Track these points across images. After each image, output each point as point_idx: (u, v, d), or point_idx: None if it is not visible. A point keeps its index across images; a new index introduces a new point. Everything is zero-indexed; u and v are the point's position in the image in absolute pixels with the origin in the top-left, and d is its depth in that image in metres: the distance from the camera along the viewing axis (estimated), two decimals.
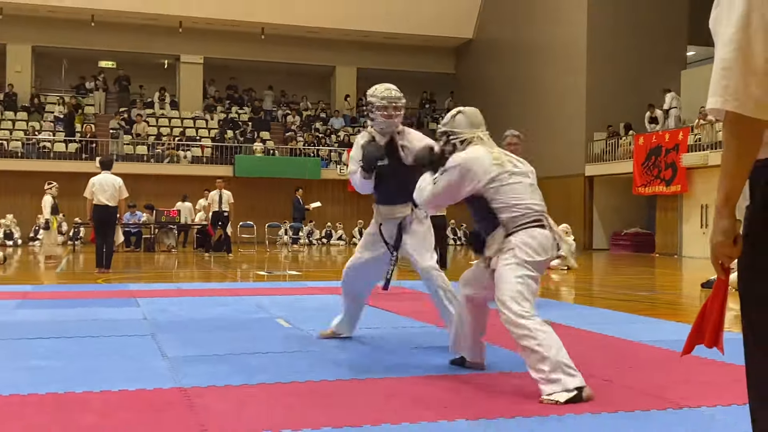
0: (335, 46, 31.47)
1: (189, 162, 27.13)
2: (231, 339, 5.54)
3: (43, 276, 12.36)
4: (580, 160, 25.09)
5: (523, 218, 4.10)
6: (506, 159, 4.28)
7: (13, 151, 25.93)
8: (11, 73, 29.25)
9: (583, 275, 13.60)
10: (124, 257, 17.37)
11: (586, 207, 25.05)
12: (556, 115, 26.15)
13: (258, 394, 3.85)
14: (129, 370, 4.42)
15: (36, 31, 28.65)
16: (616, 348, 5.37)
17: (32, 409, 3.50)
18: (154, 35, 29.47)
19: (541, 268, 4.13)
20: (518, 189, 4.16)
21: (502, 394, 3.92)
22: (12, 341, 5.41)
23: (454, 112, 4.46)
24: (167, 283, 10.94)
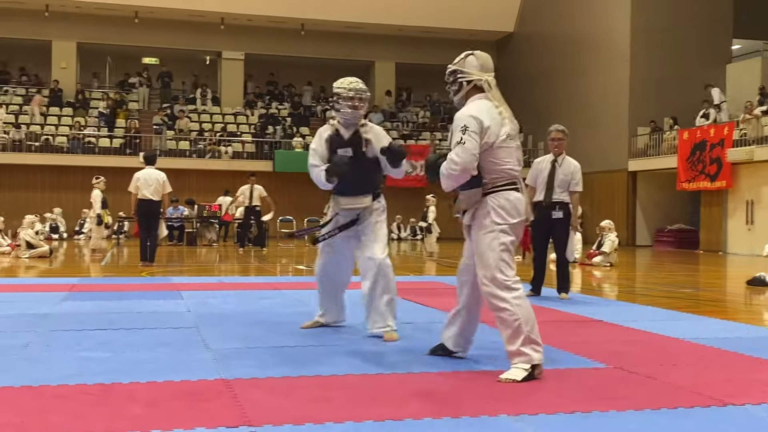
0: (374, 41, 31.49)
1: (230, 157, 27.38)
2: (272, 332, 5.60)
3: (89, 269, 12.58)
4: (623, 155, 24.83)
5: (501, 180, 4.19)
6: (507, 116, 4.29)
7: (58, 147, 26.39)
8: (57, 70, 29.76)
9: (625, 272, 13.47)
10: (167, 251, 17.60)
11: (629, 203, 24.80)
12: (598, 109, 25.89)
13: (299, 386, 3.89)
14: (174, 361, 4.49)
15: (81, 28, 29.10)
16: (659, 345, 5.32)
17: (80, 400, 3.57)
18: (196, 32, 29.77)
19: (517, 230, 4.21)
20: (508, 153, 4.22)
21: (539, 389, 3.91)
22: (60, 332, 5.52)
23: (466, 53, 4.46)
24: (209, 276, 11.07)
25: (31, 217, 15.73)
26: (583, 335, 5.70)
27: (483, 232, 4.18)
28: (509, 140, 4.24)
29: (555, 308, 7.27)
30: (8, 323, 5.91)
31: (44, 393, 3.69)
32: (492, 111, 4.24)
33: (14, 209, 23.77)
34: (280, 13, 29.33)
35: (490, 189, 4.19)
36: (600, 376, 4.26)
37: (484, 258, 4.16)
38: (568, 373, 4.31)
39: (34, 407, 3.43)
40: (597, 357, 4.74)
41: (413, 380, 4.07)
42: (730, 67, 24.43)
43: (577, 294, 9.15)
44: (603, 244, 14.47)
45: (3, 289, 8.64)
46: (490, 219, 4.16)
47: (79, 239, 23.57)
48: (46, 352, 4.76)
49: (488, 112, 4.22)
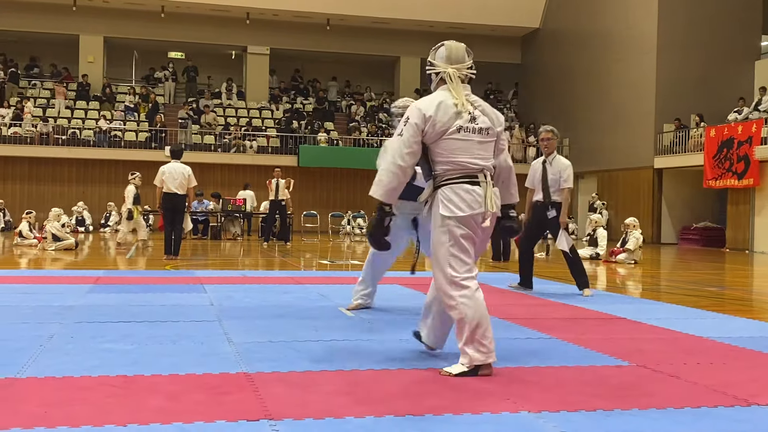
0: (400, 36, 31.45)
1: (255, 152, 27.48)
2: (295, 326, 5.61)
3: (114, 262, 12.69)
4: (649, 152, 24.62)
5: (453, 173, 4.12)
6: (467, 109, 4.17)
7: (85, 140, 26.62)
8: (84, 64, 30.02)
9: (650, 269, 13.37)
10: (191, 244, 17.70)
11: (654, 200, 24.60)
12: (624, 106, 25.70)
13: (321, 380, 3.89)
14: (196, 354, 4.51)
15: (108, 22, 29.34)
16: (683, 343, 5.28)
17: (102, 391, 3.60)
18: (222, 27, 29.91)
19: (470, 222, 4.10)
20: (459, 145, 4.12)
21: (561, 386, 3.88)
22: (84, 324, 5.57)
23: (439, 44, 4.45)
24: (233, 270, 11.12)
25: (57, 209, 15.90)
26: (606, 332, 5.66)
27: (434, 227, 4.16)
28: (464, 132, 4.13)
29: (578, 305, 7.23)
30: (34, 314, 5.98)
31: (68, 384, 3.72)
32: (445, 102, 4.17)
33: (41, 202, 24.09)
34: (305, 7, 29.38)
35: (440, 182, 4.15)
36: (623, 373, 4.22)
37: (435, 253, 4.16)
38: (590, 370, 4.28)
39: (57, 398, 3.46)
40: (620, 354, 4.71)
41: (434, 376, 4.05)
42: (759, 63, 24.13)
43: (601, 291, 9.10)
44: (627, 242, 14.38)
45: (29, 281, 8.73)
46: (439, 212, 4.12)
47: (104, 232, 23.79)
48: (70, 344, 4.80)
49: (438, 103, 4.16)
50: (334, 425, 3.13)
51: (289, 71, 32.67)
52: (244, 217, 22.11)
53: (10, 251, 14.57)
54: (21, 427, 3.00)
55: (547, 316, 6.50)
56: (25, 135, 26.02)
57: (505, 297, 7.98)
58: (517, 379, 4.03)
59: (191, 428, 3.04)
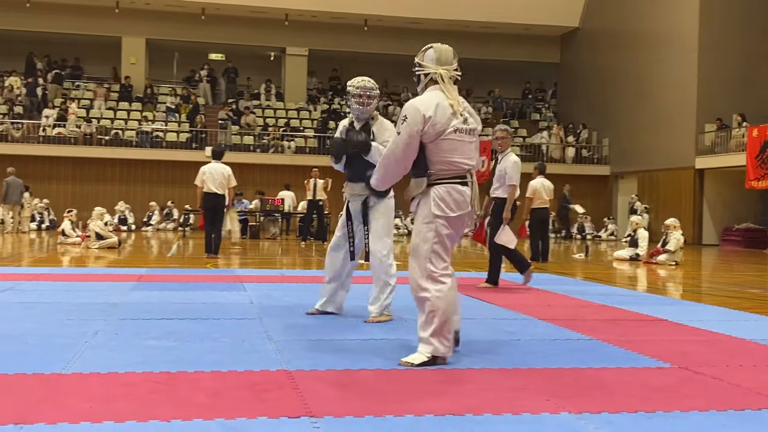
0: (437, 36, 31.08)
1: (293, 152, 27.63)
2: (333, 325, 5.64)
3: (156, 260, 12.84)
4: (690, 153, 24.29)
5: (447, 172, 4.29)
6: (460, 110, 4.34)
7: (127, 141, 26.98)
8: (126, 65, 30.42)
9: (691, 271, 13.19)
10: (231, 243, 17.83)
11: (695, 201, 24.26)
12: (665, 105, 25.38)
13: (360, 379, 3.91)
14: (237, 352, 4.55)
15: (150, 24, 29.70)
16: (725, 345, 5.20)
17: (146, 387, 3.65)
18: (261, 28, 30.11)
19: (456, 223, 4.32)
20: (455, 146, 4.29)
21: (602, 387, 3.85)
22: (128, 321, 5.64)
23: (427, 46, 4.59)
24: (272, 269, 11.19)
25: (100, 208, 16.13)
26: (647, 334, 5.60)
27: (421, 222, 4.32)
28: (459, 134, 4.30)
29: (619, 307, 7.17)
30: (79, 312, 6.08)
31: (112, 380, 3.78)
32: (441, 103, 4.30)
33: (84, 201, 24.46)
34: (343, 8, 29.46)
35: (434, 180, 4.30)
36: (664, 375, 4.18)
37: (417, 247, 4.31)
38: (631, 372, 4.24)
39: (102, 393, 3.51)
40: (661, 356, 4.65)
41: (473, 376, 4.05)
42: None
43: (641, 292, 9.00)
44: (668, 243, 14.20)
45: (74, 279, 8.87)
46: (430, 210, 4.28)
47: (146, 231, 24.09)
48: (114, 341, 4.87)
49: (436, 103, 4.29)
50: (374, 423, 3.14)
51: (327, 72, 32.79)
52: (283, 217, 22.24)
53: (54, 249, 14.82)
54: (68, 421, 3.06)
55: (588, 317, 6.45)
56: (69, 135, 26.44)
57: (542, 297, 7.93)
58: (558, 380, 4.00)
59: (233, 424, 3.07)
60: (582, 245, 19.24)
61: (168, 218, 25.45)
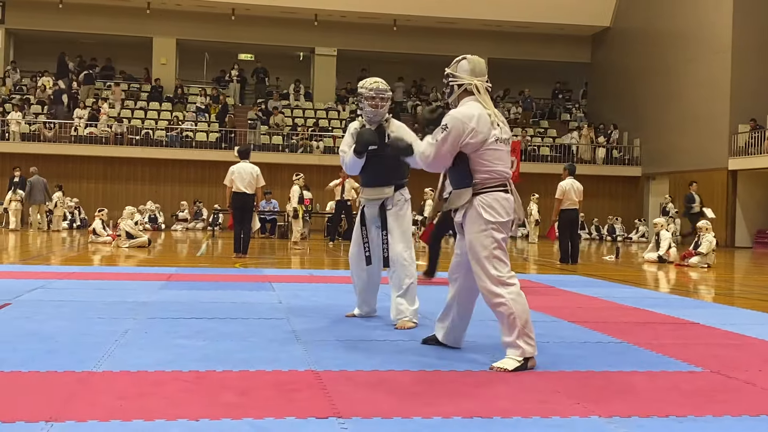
0: (467, 36, 31.27)
1: (321, 152, 27.71)
2: (361, 325, 5.64)
3: (185, 259, 12.93)
4: (723, 154, 24.02)
5: (492, 181, 4.36)
6: (498, 120, 4.43)
7: (157, 140, 27.23)
8: (157, 65, 30.71)
9: (723, 273, 13.04)
10: (259, 243, 17.93)
11: (728, 202, 23.99)
12: (698, 106, 25.11)
13: (388, 380, 3.90)
14: (266, 351, 4.57)
15: (180, 24, 29.97)
16: (758, 349, 5.13)
17: (175, 386, 3.67)
18: (290, 28, 30.23)
19: (506, 228, 4.39)
20: (498, 155, 4.38)
21: (632, 391, 3.82)
22: (157, 320, 5.69)
23: (460, 57, 4.61)
24: (300, 269, 11.22)
25: (130, 208, 16.27)
26: (679, 338, 5.54)
27: (475, 231, 4.34)
28: (499, 143, 4.39)
29: (650, 309, 7.10)
30: (109, 310, 6.13)
31: (142, 378, 3.81)
32: (482, 114, 4.37)
33: (115, 200, 24.72)
34: (372, 8, 29.50)
35: (480, 189, 4.36)
36: (696, 379, 4.13)
37: (478, 255, 4.32)
38: (662, 375, 4.19)
39: (132, 391, 3.54)
40: (693, 360, 4.60)
41: (502, 379, 4.03)
42: None
43: (672, 295, 8.91)
44: (700, 245, 14.04)
45: (104, 278, 8.96)
46: (482, 218, 4.32)
47: (176, 230, 24.28)
48: (143, 339, 4.91)
49: (478, 114, 4.36)
50: (402, 425, 3.13)
51: (355, 72, 32.78)
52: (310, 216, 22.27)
53: (85, 248, 14.98)
54: (98, 419, 3.09)
55: (618, 319, 6.39)
56: (100, 135, 26.73)
57: (572, 300, 7.88)
58: (588, 383, 3.97)
59: (261, 424, 3.08)
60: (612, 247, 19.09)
61: (197, 218, 25.67)
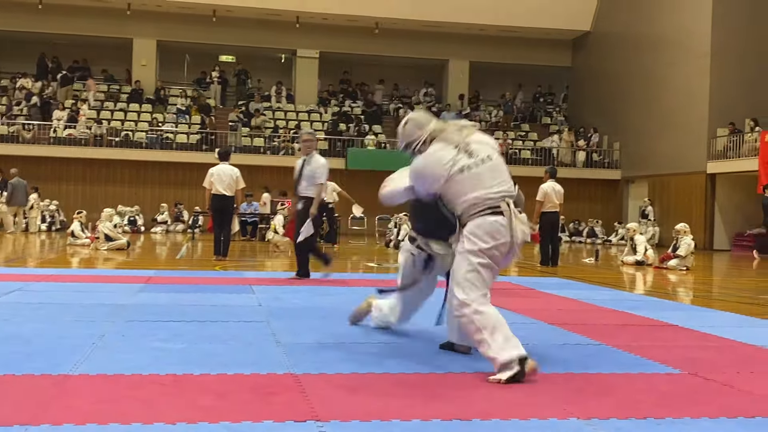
0: (448, 39, 31.39)
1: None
2: (342, 328, 5.63)
3: (164, 262, 12.86)
4: (702, 157, 24.21)
5: (473, 209, 4.27)
6: (464, 149, 4.36)
7: (137, 142, 27.08)
8: (137, 67, 30.54)
9: (702, 276, 13.13)
10: (239, 246, 17.87)
11: (707, 205, 24.17)
12: (677, 109, 25.30)
13: (367, 383, 3.89)
14: (244, 354, 4.55)
15: (160, 26, 29.84)
16: (736, 352, 5.17)
17: (152, 389, 3.65)
18: (272, 30, 30.18)
19: (493, 254, 4.25)
20: (468, 183, 4.29)
21: (610, 393, 3.83)
22: (135, 323, 5.65)
23: (402, 124, 4.77)
24: (280, 271, 11.19)
25: (109, 210, 16.17)
26: (657, 340, 5.57)
27: (458, 251, 4.33)
28: (465, 171, 4.30)
29: (629, 312, 7.13)
30: (86, 313, 6.08)
31: (119, 381, 3.78)
32: (438, 154, 4.37)
33: (95, 203, 24.53)
34: (354, 11, 29.50)
35: (465, 220, 4.30)
36: (674, 382, 4.15)
37: (454, 275, 4.32)
38: (640, 378, 4.21)
39: (108, 395, 3.51)
40: (671, 362, 4.63)
41: (482, 381, 4.03)
42: None
43: (651, 297, 8.96)
44: (678, 248, 14.14)
45: (82, 280, 8.90)
46: (463, 244, 4.28)
47: (156, 233, 24.15)
48: (121, 342, 4.87)
49: (437, 159, 4.36)
50: (381, 428, 3.13)
51: (337, 74, 32.83)
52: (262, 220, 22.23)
53: (64, 251, 14.87)
54: (74, 423, 3.06)
55: (597, 321, 6.42)
56: (79, 137, 26.55)
57: (552, 302, 7.90)
58: (567, 384, 3.98)
59: (239, 428, 3.06)
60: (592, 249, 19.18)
61: (177, 220, 25.55)
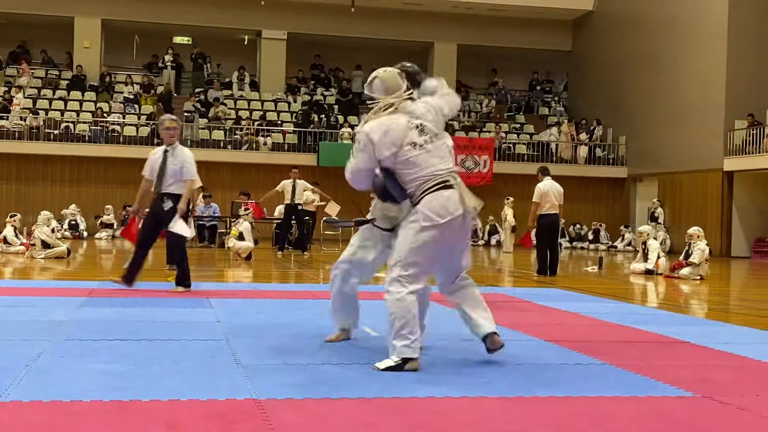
0: (434, 19, 31.45)
1: (269, 149, 27.61)
2: (312, 347, 5.62)
3: (110, 272, 12.78)
4: (718, 153, 24.40)
5: (426, 185, 4.86)
6: (415, 126, 4.94)
7: (79, 135, 26.84)
8: (79, 50, 30.31)
9: (718, 286, 13.24)
10: (197, 253, 17.79)
11: (723, 207, 24.36)
12: (689, 100, 25.49)
13: (340, 409, 3.89)
14: (200, 377, 4.53)
15: (106, 2, 29.62)
16: (755, 372, 5.22)
17: (93, 418, 3.62)
18: (233, 8, 30.08)
19: (445, 229, 4.83)
20: (421, 159, 4.89)
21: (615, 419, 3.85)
22: (76, 342, 5.61)
23: (373, 75, 5.25)
24: (243, 282, 11.16)
25: (46, 213, 16.03)
26: (667, 358, 5.61)
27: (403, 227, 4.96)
28: (417, 148, 4.90)
29: (635, 327, 7.17)
30: (20, 331, 6.03)
31: (56, 409, 3.75)
32: (393, 124, 4.95)
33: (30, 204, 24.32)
34: None
35: (418, 197, 4.87)
36: (685, 405, 4.18)
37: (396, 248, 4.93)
38: (647, 401, 4.24)
39: (43, 424, 3.48)
40: (682, 384, 4.66)
41: (468, 406, 4.04)
42: None
43: (661, 311, 9.02)
44: (691, 254, 14.22)
45: (15, 293, 8.82)
46: (415, 217, 4.85)
47: (100, 238, 23.99)
48: (59, 364, 4.83)
49: (387, 126, 4.94)
50: None
51: (308, 59, 32.78)
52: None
53: None
54: None
55: (600, 338, 6.45)
56: (12, 129, 26.32)
57: (550, 316, 7.93)
58: (565, 409, 4.00)
59: None
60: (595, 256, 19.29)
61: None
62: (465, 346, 5.74)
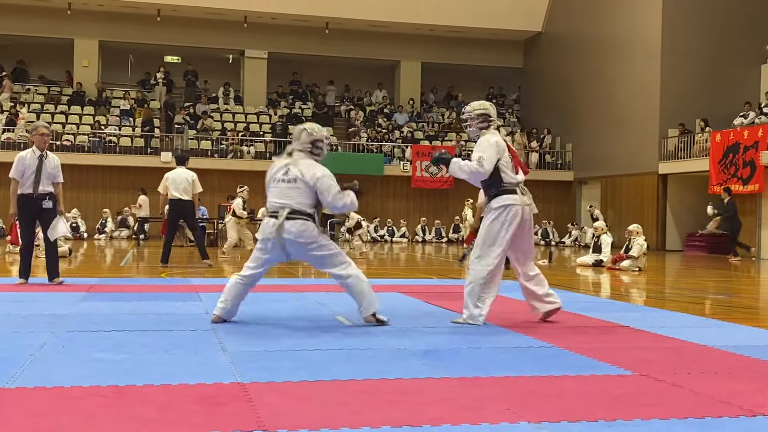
0: (400, 40, 31.50)
1: (252, 157, 27.49)
2: (291, 335, 5.60)
3: (108, 269, 12.66)
4: (654, 158, 24.64)
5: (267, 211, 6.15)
6: (281, 169, 6.20)
7: (79, 146, 26.61)
8: (79, 68, 30.04)
9: (654, 277, 13.35)
10: (187, 251, 17.69)
11: (659, 206, 24.60)
12: (628, 110, 25.72)
13: (317, 390, 3.88)
14: (189, 364, 4.50)
15: (103, 26, 29.40)
16: (687, 352, 5.26)
17: (92, 402, 3.58)
18: (219, 30, 29.94)
19: (265, 245, 6.13)
20: (273, 192, 6.16)
21: (562, 396, 3.87)
22: (76, 333, 5.55)
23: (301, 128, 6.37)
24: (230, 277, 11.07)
25: None
26: (609, 341, 5.64)
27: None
28: (274, 183, 6.23)
29: (581, 313, 7.22)
30: (25, 323, 5.97)
31: (58, 394, 3.71)
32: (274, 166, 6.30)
33: None
34: (303, 11, 29.43)
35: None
36: (625, 383, 4.21)
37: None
38: (591, 380, 4.26)
39: (47, 408, 3.44)
40: (622, 364, 4.69)
41: (433, 385, 4.04)
42: (765, 67, 24.15)
43: (604, 299, 9.08)
44: (631, 249, 14.36)
45: (21, 289, 8.72)
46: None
47: (99, 239, 23.77)
48: (61, 353, 4.79)
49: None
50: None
51: (287, 75, 32.70)
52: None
53: (2, 258, 14.55)
54: None
55: (549, 324, 6.48)
56: (18, 141, 25.99)
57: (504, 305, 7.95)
58: (517, 388, 4.01)
59: None
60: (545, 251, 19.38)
61: (122, 226, 25.19)
62: (430, 333, 5.75)
